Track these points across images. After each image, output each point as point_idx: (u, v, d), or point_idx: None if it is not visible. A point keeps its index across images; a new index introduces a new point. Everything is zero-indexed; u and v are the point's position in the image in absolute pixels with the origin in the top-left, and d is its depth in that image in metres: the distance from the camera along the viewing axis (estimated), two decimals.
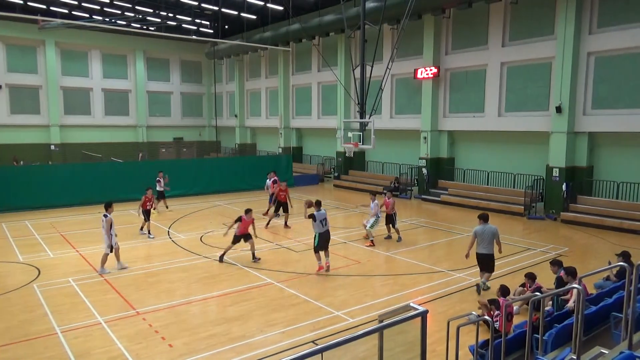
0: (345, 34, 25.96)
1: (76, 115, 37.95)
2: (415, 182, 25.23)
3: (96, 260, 13.00)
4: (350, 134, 19.86)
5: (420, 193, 24.50)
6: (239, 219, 12.73)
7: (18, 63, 35.22)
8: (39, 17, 31.50)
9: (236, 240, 12.90)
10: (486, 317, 7.46)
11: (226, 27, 38.73)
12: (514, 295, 9.24)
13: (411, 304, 4.38)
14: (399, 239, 15.31)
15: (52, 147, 36.42)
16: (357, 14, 22.33)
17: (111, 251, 12.03)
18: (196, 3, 32.83)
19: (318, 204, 12.12)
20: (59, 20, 31.54)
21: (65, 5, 34.08)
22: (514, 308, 8.84)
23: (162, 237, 16.02)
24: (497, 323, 7.55)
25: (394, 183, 24.99)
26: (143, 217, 15.97)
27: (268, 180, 19.80)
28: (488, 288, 10.52)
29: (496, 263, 12.81)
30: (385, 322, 4.08)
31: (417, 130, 25.11)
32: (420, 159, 24.83)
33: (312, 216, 11.79)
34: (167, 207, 20.54)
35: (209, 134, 45.00)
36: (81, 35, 36.10)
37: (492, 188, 21.70)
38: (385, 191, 16.85)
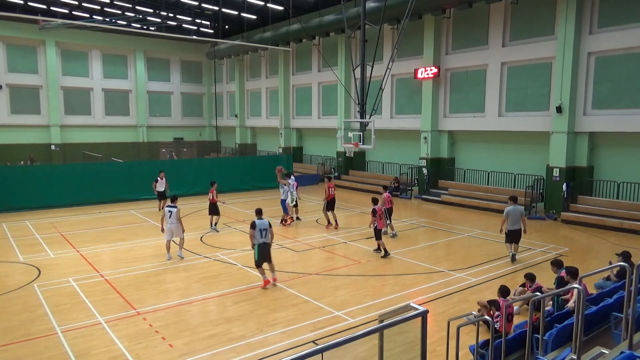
0: (346, 34, 25.94)
1: (76, 116, 37.97)
2: (416, 182, 25.24)
3: (96, 260, 13.03)
4: (350, 134, 19.83)
5: (420, 193, 24.50)
6: (253, 226, 10.88)
7: (18, 63, 35.24)
8: (39, 17, 31.55)
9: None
10: (486, 317, 7.46)
11: (226, 27, 38.73)
12: (514, 295, 9.23)
13: (411, 304, 4.37)
14: (394, 235, 15.49)
15: (53, 147, 36.44)
16: (357, 14, 22.34)
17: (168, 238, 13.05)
18: (196, 3, 32.82)
19: (258, 213, 11.20)
20: (59, 20, 31.56)
21: (65, 5, 34.08)
22: (514, 308, 8.84)
23: (162, 237, 15.99)
24: (498, 323, 7.55)
25: (394, 183, 24.99)
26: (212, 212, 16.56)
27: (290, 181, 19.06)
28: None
29: (496, 263, 12.89)
30: (385, 322, 4.08)
31: (417, 130, 25.11)
32: (421, 159, 24.83)
33: (252, 225, 10.74)
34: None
35: (209, 134, 45.02)
36: (81, 35, 36.12)
37: (493, 188, 21.69)
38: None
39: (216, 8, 33.06)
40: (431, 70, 23.75)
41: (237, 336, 8.36)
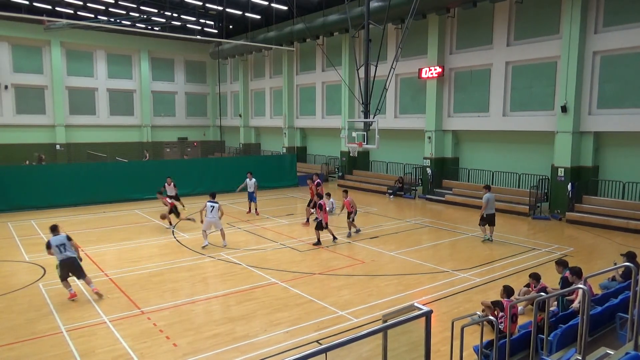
0: (350, 33, 25.93)
1: (81, 115, 38.13)
2: (420, 182, 25.19)
3: (101, 260, 13.09)
4: (354, 134, 19.83)
5: (424, 193, 24.46)
6: (48, 246, 10.26)
7: (24, 63, 35.42)
8: (44, 18, 31.63)
9: None
10: (490, 317, 7.43)
11: (230, 27, 38.78)
12: (518, 295, 9.20)
13: (415, 304, 4.37)
14: (358, 231, 16.20)
15: (58, 147, 36.61)
16: (361, 14, 22.33)
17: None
18: (200, 3, 32.88)
19: (53, 230, 10.44)
20: (64, 21, 31.66)
21: (70, 5, 34.23)
22: (519, 308, 8.81)
23: (167, 236, 16.07)
24: (502, 324, 7.52)
25: (398, 183, 24.95)
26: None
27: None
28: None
29: (500, 264, 12.88)
30: (389, 322, 4.08)
31: (421, 130, 25.07)
32: (425, 158, 24.79)
33: (47, 245, 10.10)
34: (183, 207, 20.22)
35: (214, 133, 45.11)
36: (86, 35, 36.25)
37: (497, 188, 21.58)
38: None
39: (220, 8, 33.11)
40: (435, 69, 23.71)
41: (241, 336, 8.37)
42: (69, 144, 37.13)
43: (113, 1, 32.73)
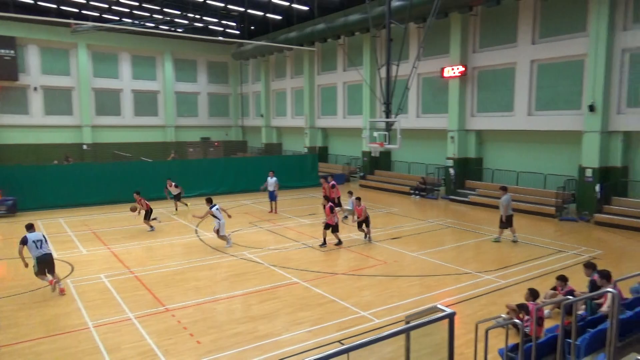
0: (371, 33, 25.84)
1: (107, 116, 38.93)
2: (443, 182, 24.94)
3: (126, 258, 13.33)
4: (375, 134, 19.77)
5: (447, 193, 24.20)
6: (24, 241, 10.39)
7: (52, 65, 36.34)
8: (71, 21, 32.46)
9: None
10: (516, 320, 7.31)
11: (252, 27, 39.05)
12: (544, 298, 9.02)
13: (438, 306, 4.33)
14: (369, 239, 15.37)
15: (84, 146, 37.45)
16: (382, 13, 22.20)
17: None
18: (222, 4, 33.22)
19: (29, 227, 10.72)
20: (91, 24, 32.40)
21: (96, 8, 35.00)
22: (545, 312, 8.65)
23: (190, 235, 16.28)
24: (528, 327, 7.39)
25: (421, 183, 24.75)
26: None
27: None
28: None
29: (525, 266, 12.68)
30: (412, 324, 4.05)
31: (444, 130, 24.81)
32: (447, 158, 24.52)
33: (23, 240, 10.26)
34: (176, 210, 20.58)
35: (236, 133, 45.51)
36: (111, 37, 37.04)
37: (522, 189, 21.23)
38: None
39: (242, 9, 33.38)
40: (458, 68, 23.42)
41: (263, 334, 8.42)
42: (95, 144, 37.95)
43: (137, 4, 33.32)
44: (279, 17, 34.70)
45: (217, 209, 14.32)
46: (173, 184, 20.03)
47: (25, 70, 35.18)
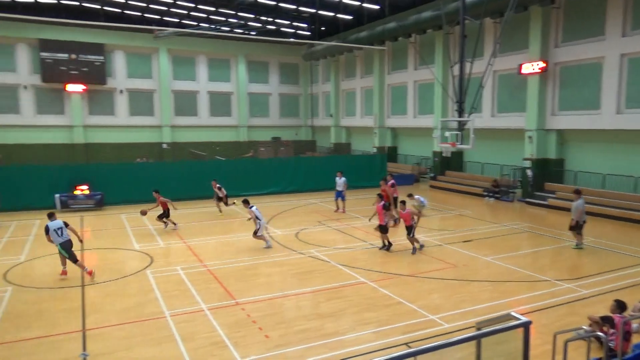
0: (444, 30, 25.21)
1: (185, 117, 41.03)
2: (519, 184, 23.76)
3: (201, 252, 13.94)
4: (447, 134, 19.24)
5: (523, 196, 23.01)
6: (47, 230, 11.31)
7: (136, 69, 38.89)
8: (154, 27, 34.57)
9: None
10: (599, 333, 6.80)
11: (322, 28, 39.44)
12: (632, 312, 8.33)
13: (512, 313, 4.15)
14: (421, 247, 14.16)
15: (164, 145, 39.72)
16: (456, 9, 21.57)
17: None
18: (294, 6, 33.81)
19: (50, 216, 11.48)
20: (171, 29, 34.30)
21: (176, 15, 36.99)
22: (633, 326, 7.98)
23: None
24: (613, 342, 6.85)
25: (493, 186, 23.74)
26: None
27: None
28: None
29: (610, 276, 11.84)
30: (483, 330, 3.90)
31: (520, 129, 23.61)
32: (524, 159, 23.30)
33: (46, 229, 11.13)
34: (220, 211, 20.14)
35: (305, 133, 46.20)
36: (190, 42, 39.00)
37: (609, 192, 19.71)
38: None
39: (313, 10, 33.79)
40: (537, 64, 22.19)
41: (330, 332, 8.47)
42: (174, 143, 40.12)
43: (214, 9, 34.77)
44: (349, 17, 34.76)
45: (256, 209, 14.29)
46: (217, 185, 19.78)
47: (112, 75, 37.92)
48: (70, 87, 36.05)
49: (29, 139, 35.39)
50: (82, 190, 20.98)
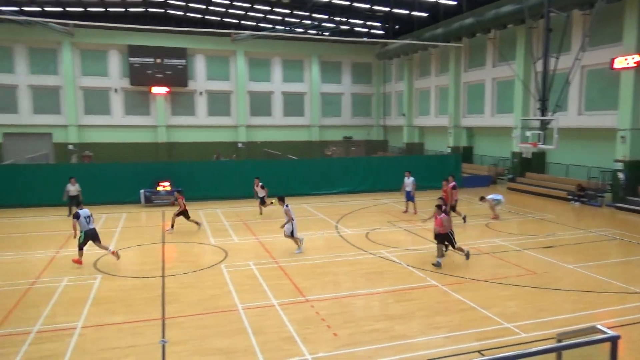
0: (526, 24, 23.94)
1: (259, 117, 42.26)
2: (609, 187, 22.01)
3: (272, 248, 14.27)
4: (528, 133, 18.27)
5: (614, 201, 21.27)
6: (77, 216, 12.33)
7: (214, 72, 40.67)
8: (232, 31, 35.98)
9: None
10: None
11: (396, 27, 38.94)
12: None
13: (598, 326, 3.85)
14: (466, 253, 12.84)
15: (239, 145, 41.17)
16: (540, 2, 20.40)
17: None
18: (368, 6, 33.66)
19: (78, 204, 13.78)
20: (248, 32, 35.47)
21: (253, 18, 38.23)
22: None
23: (330, 230, 16.82)
24: None
25: (578, 190, 22.14)
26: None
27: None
28: None
29: None
30: (565, 342, 3.65)
31: (612, 129, 21.85)
32: (616, 161, 21.54)
33: (76, 215, 12.20)
34: (260, 213, 19.93)
35: (377, 133, 45.87)
36: (265, 44, 40.09)
37: None
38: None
39: (387, 9, 33.45)
40: (633, 58, 20.40)
41: (399, 334, 8.32)
42: (249, 142, 41.48)
43: (289, 11, 35.52)
44: (424, 15, 34.03)
45: (291, 208, 13.80)
46: (260, 184, 19.65)
47: (193, 77, 39.93)
48: (155, 90, 38.53)
49: (118, 138, 38.23)
50: (164, 186, 22.25)
